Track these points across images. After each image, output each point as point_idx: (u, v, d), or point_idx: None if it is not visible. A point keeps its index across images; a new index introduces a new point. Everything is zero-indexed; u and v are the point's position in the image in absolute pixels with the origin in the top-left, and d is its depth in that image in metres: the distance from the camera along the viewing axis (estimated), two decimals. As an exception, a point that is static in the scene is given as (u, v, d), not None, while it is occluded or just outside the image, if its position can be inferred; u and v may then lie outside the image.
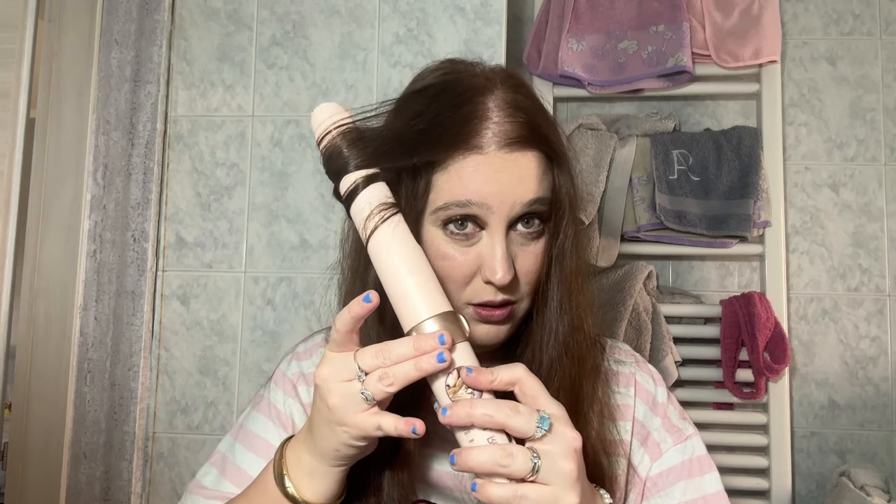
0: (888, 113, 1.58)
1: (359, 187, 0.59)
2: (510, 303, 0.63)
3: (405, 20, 1.39)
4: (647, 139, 1.54)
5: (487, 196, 0.61)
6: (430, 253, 0.63)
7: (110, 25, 1.40)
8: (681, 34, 1.48)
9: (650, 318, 1.45)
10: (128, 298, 1.35)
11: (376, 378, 0.53)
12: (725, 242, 1.48)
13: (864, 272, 1.55)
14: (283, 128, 1.40)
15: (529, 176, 0.62)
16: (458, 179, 0.61)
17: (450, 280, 0.63)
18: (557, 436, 0.50)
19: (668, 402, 0.73)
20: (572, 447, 0.50)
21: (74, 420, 1.32)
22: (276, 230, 1.38)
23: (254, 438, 0.74)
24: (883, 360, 1.52)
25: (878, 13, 1.60)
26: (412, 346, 0.53)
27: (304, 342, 0.80)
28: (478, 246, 0.62)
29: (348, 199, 0.59)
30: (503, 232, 0.62)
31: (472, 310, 0.64)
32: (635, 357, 0.76)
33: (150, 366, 1.37)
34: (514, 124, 0.62)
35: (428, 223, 0.64)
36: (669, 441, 0.70)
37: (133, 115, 1.39)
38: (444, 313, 0.55)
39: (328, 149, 0.60)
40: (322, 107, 0.62)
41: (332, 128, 0.60)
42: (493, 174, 0.61)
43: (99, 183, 1.37)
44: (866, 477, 1.37)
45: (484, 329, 0.64)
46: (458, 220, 0.62)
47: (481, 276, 0.62)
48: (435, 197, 0.62)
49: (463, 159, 0.61)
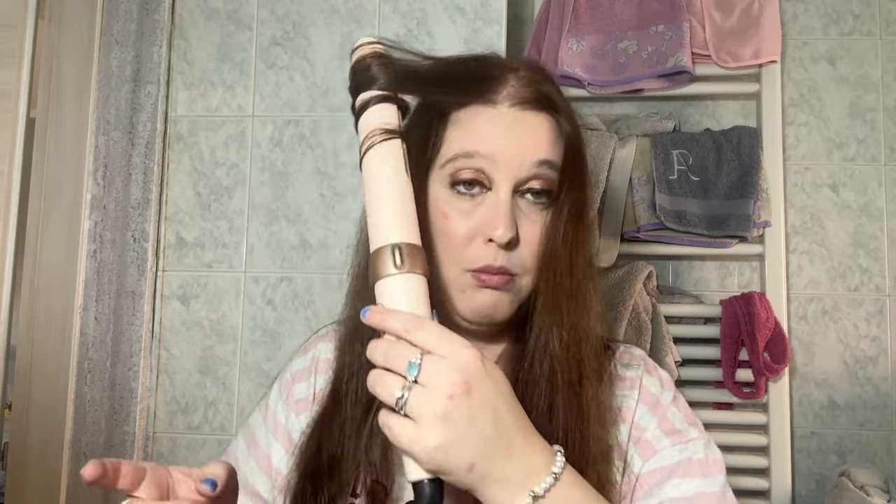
0: (888, 113, 1.58)
1: (370, 103, 0.59)
2: (509, 273, 0.62)
3: (405, 20, 1.39)
4: (647, 139, 1.54)
5: (496, 149, 0.61)
6: (433, 212, 0.64)
7: (110, 25, 1.40)
8: (681, 34, 1.48)
9: (650, 318, 1.45)
10: (128, 298, 1.35)
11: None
12: (725, 242, 1.48)
13: (864, 272, 1.55)
14: (283, 128, 1.40)
15: (540, 136, 0.63)
16: (467, 130, 0.63)
17: (450, 241, 0.63)
18: (428, 378, 0.48)
19: (671, 404, 0.68)
20: (444, 392, 0.47)
21: (74, 420, 1.32)
22: (276, 230, 1.38)
23: (249, 436, 0.75)
24: (883, 360, 1.52)
25: (878, 13, 1.60)
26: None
27: (309, 338, 0.80)
28: (481, 207, 0.62)
29: (358, 113, 0.60)
30: (509, 191, 0.62)
31: (469, 276, 0.62)
32: (645, 361, 0.72)
33: (150, 366, 1.37)
34: (529, 90, 0.64)
35: (436, 181, 0.64)
36: (666, 442, 0.66)
37: (133, 115, 1.39)
38: (408, 244, 0.54)
39: (357, 64, 0.61)
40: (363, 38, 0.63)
41: (367, 49, 0.61)
42: (503, 128, 0.62)
43: (99, 183, 1.37)
44: (866, 477, 1.37)
45: (482, 296, 0.62)
46: (466, 182, 0.62)
47: (482, 237, 0.62)
48: (445, 150, 0.64)
49: (475, 111, 0.63)
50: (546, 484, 0.49)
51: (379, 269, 0.53)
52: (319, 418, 0.67)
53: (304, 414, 0.72)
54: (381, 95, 0.59)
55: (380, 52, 0.61)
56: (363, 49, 0.61)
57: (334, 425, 0.65)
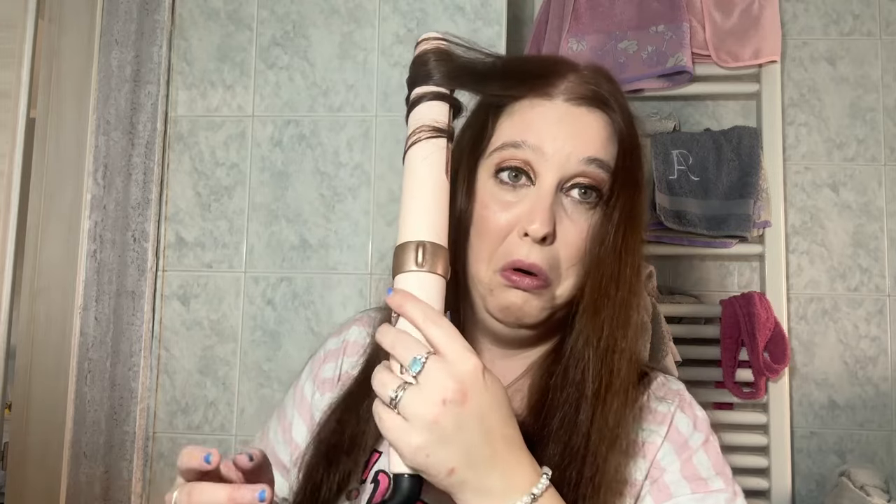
0: (888, 113, 1.58)
1: (422, 98, 0.59)
2: (542, 275, 0.59)
3: (405, 20, 1.39)
4: (646, 139, 1.54)
5: (544, 140, 0.60)
6: (478, 202, 0.63)
7: (110, 25, 1.40)
8: (681, 34, 1.48)
9: (650, 318, 1.45)
10: (128, 298, 1.35)
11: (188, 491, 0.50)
12: (725, 242, 1.48)
13: (864, 272, 1.55)
14: (283, 128, 1.40)
15: (592, 134, 0.62)
16: (520, 121, 0.62)
17: (486, 233, 0.61)
18: (427, 379, 0.48)
19: (700, 447, 0.63)
20: (437, 397, 0.47)
21: (74, 420, 1.32)
22: (276, 230, 1.38)
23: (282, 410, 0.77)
24: (883, 360, 1.52)
25: (878, 13, 1.60)
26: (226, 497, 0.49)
27: (348, 319, 0.80)
28: (524, 200, 0.61)
29: (411, 107, 0.60)
30: (552, 186, 0.60)
31: (499, 277, 0.60)
32: (681, 397, 0.68)
33: (150, 366, 1.37)
34: (587, 87, 0.63)
35: (483, 170, 0.63)
36: (685, 488, 0.59)
37: (133, 115, 1.39)
38: (433, 243, 0.54)
39: (417, 56, 0.61)
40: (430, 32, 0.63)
41: (430, 44, 0.61)
42: (554, 121, 0.61)
43: (99, 183, 1.37)
44: (866, 477, 1.37)
45: (511, 296, 0.60)
46: (510, 170, 0.61)
47: (518, 230, 0.60)
48: (495, 139, 0.63)
49: (530, 104, 0.62)
50: (523, 502, 0.49)
51: (400, 264, 0.54)
52: (344, 398, 0.67)
53: (329, 394, 0.72)
54: (436, 92, 0.59)
55: (442, 48, 0.61)
56: (426, 44, 0.61)
57: (359, 407, 0.65)
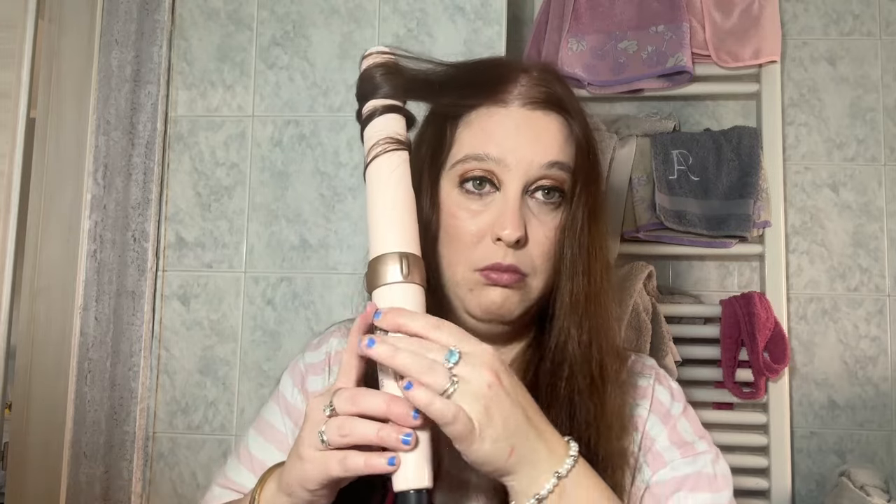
0: (888, 113, 1.58)
1: (376, 113, 0.60)
2: (519, 271, 0.62)
3: (405, 20, 1.39)
4: (646, 139, 1.54)
5: (505, 151, 0.62)
6: (444, 213, 0.64)
7: (110, 25, 1.40)
8: (681, 34, 1.48)
9: (650, 318, 1.45)
10: (128, 298, 1.35)
11: (336, 425, 0.50)
12: (725, 242, 1.48)
13: (864, 272, 1.55)
14: (283, 128, 1.40)
15: (550, 137, 0.63)
16: (479, 132, 0.63)
17: (459, 241, 0.63)
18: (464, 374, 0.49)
19: (681, 415, 0.69)
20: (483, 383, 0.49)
21: (74, 420, 1.32)
22: (276, 230, 1.38)
23: (263, 423, 0.76)
24: (883, 360, 1.52)
25: (878, 13, 1.60)
26: (384, 404, 0.50)
27: (322, 333, 0.80)
28: (491, 206, 0.62)
29: (365, 122, 0.61)
30: (518, 192, 0.62)
31: (478, 275, 0.62)
32: (657, 372, 0.73)
33: (150, 366, 1.37)
34: (541, 89, 0.64)
35: (446, 181, 0.64)
36: (676, 453, 0.66)
37: (133, 115, 1.39)
38: (413, 254, 0.55)
39: (364, 72, 0.62)
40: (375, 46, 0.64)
41: (376, 58, 0.62)
42: (512, 129, 0.62)
43: (99, 183, 1.37)
44: (866, 477, 1.37)
45: (491, 294, 0.62)
46: (476, 180, 0.62)
47: (491, 236, 0.61)
48: (456, 151, 0.64)
49: (486, 112, 0.63)
50: (568, 465, 0.52)
51: (383, 276, 0.54)
52: None
53: None
54: (389, 105, 0.60)
55: (389, 62, 0.61)
56: (373, 58, 0.62)
57: None
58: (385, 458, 0.49)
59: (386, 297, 0.54)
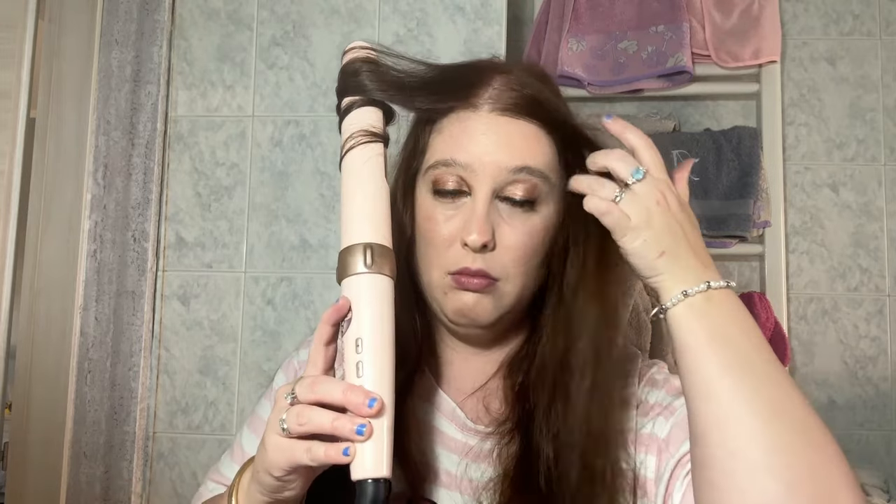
0: (888, 113, 1.58)
1: (354, 105, 0.61)
2: (489, 276, 0.62)
3: (405, 20, 1.39)
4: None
5: (473, 157, 0.62)
6: (420, 217, 0.65)
7: (110, 25, 1.40)
8: (681, 34, 1.48)
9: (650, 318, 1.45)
10: (128, 298, 1.35)
11: (295, 413, 0.50)
12: (725, 242, 1.48)
13: (864, 272, 1.55)
14: (283, 128, 1.40)
15: (519, 142, 0.62)
16: (448, 138, 0.63)
17: (431, 244, 0.63)
18: (643, 187, 0.57)
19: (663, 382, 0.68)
20: (650, 201, 0.56)
21: (74, 420, 1.32)
22: (276, 230, 1.38)
23: (256, 420, 0.77)
24: (882, 360, 1.52)
25: (877, 13, 1.60)
26: (341, 392, 0.50)
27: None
28: (462, 210, 0.63)
29: (343, 115, 0.61)
30: (487, 197, 0.61)
31: (450, 279, 0.62)
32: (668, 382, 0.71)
33: (150, 366, 1.37)
34: (513, 93, 0.63)
35: (421, 186, 0.65)
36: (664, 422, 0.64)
37: (133, 115, 1.39)
38: (380, 245, 0.55)
39: (346, 66, 0.62)
40: (357, 41, 0.65)
41: (358, 52, 0.63)
42: (480, 135, 0.62)
43: (99, 183, 1.37)
44: (866, 477, 1.37)
45: (461, 298, 0.62)
46: (446, 189, 0.63)
47: (460, 240, 0.62)
48: (429, 156, 0.65)
49: (457, 118, 0.63)
50: (720, 283, 0.55)
51: (348, 267, 0.54)
52: None
53: None
54: (366, 100, 0.60)
55: (371, 58, 0.62)
56: (354, 52, 0.62)
57: None
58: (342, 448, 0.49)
59: (352, 288, 0.54)
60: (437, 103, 0.64)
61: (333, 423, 0.49)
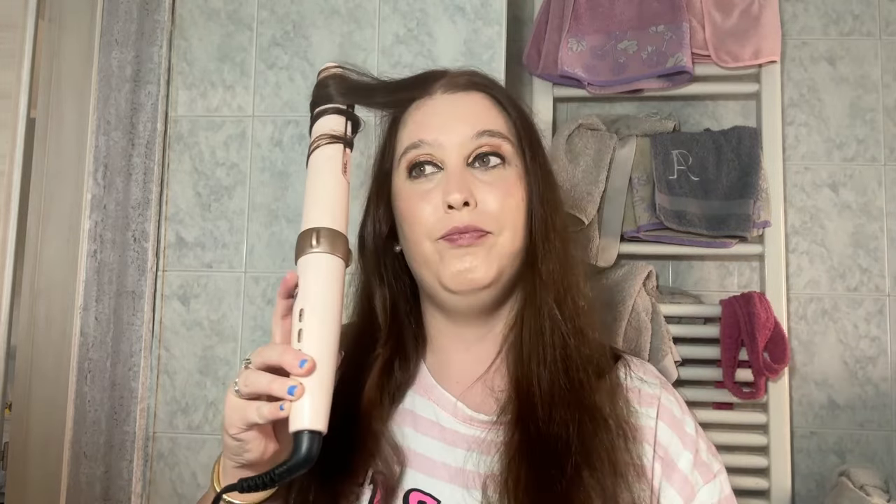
0: (888, 113, 1.58)
1: (322, 113, 0.68)
2: (480, 229, 0.66)
3: (405, 20, 1.39)
4: (646, 139, 1.54)
5: (437, 133, 0.69)
6: (399, 203, 0.71)
7: (110, 26, 1.40)
8: (680, 34, 1.48)
9: (650, 318, 1.45)
10: (128, 298, 1.35)
11: (244, 376, 0.56)
12: (725, 242, 1.48)
13: (864, 272, 1.55)
14: (284, 128, 1.40)
15: (476, 110, 0.70)
16: (412, 125, 0.71)
17: (417, 221, 0.68)
18: None
19: (697, 435, 0.70)
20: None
21: (74, 420, 1.32)
22: (276, 230, 1.38)
23: None
24: (883, 360, 1.52)
25: (877, 13, 1.60)
26: (277, 355, 0.55)
27: None
28: (439, 184, 0.68)
29: (312, 121, 0.68)
30: (459, 164, 0.68)
31: (443, 242, 0.67)
32: (660, 379, 0.74)
33: (150, 366, 1.37)
34: (463, 77, 0.73)
35: (398, 178, 0.71)
36: (700, 480, 0.68)
37: (133, 115, 1.39)
38: (329, 228, 0.60)
39: (318, 82, 0.70)
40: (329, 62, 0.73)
41: (328, 71, 0.70)
42: (438, 114, 0.70)
43: (99, 183, 1.37)
44: (866, 477, 1.37)
45: (460, 260, 0.66)
46: (419, 166, 0.69)
47: (443, 207, 0.67)
48: (398, 147, 0.72)
49: (416, 107, 0.72)
50: None
51: (300, 249, 0.60)
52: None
53: None
54: (334, 107, 0.67)
55: (338, 73, 0.69)
56: (326, 72, 0.70)
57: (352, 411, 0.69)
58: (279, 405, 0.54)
59: (301, 267, 0.60)
60: (395, 95, 0.71)
61: (270, 385, 0.54)
